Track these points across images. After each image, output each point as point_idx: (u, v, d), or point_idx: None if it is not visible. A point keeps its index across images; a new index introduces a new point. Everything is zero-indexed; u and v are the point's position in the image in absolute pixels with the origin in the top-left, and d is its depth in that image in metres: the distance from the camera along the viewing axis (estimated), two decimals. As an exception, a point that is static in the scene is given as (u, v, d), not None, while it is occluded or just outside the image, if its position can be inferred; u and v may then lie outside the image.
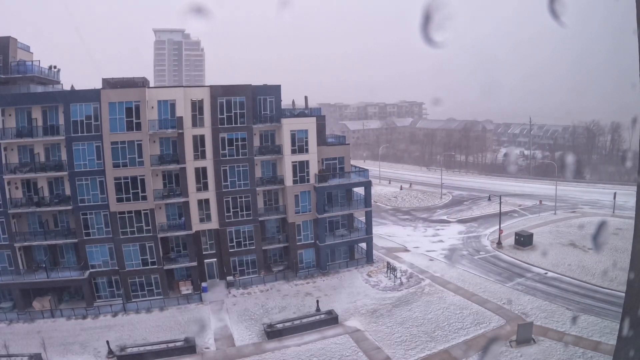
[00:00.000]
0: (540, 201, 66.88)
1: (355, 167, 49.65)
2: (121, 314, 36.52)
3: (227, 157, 40.84)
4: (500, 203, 51.54)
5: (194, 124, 39.54)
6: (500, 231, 50.80)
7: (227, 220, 41.70)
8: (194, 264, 40.37)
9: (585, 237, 48.44)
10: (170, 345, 30.61)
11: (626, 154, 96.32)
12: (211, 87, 40.82)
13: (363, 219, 47.64)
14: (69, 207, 36.88)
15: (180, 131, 38.43)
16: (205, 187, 40.79)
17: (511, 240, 50.07)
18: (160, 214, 39.36)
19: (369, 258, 46.32)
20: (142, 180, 37.46)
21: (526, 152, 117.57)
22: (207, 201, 41.08)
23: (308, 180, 43.23)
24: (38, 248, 38.08)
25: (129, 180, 37.22)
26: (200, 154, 40.13)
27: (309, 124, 43.13)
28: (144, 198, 37.67)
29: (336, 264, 45.19)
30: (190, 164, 39.54)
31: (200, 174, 40.45)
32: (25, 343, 31.74)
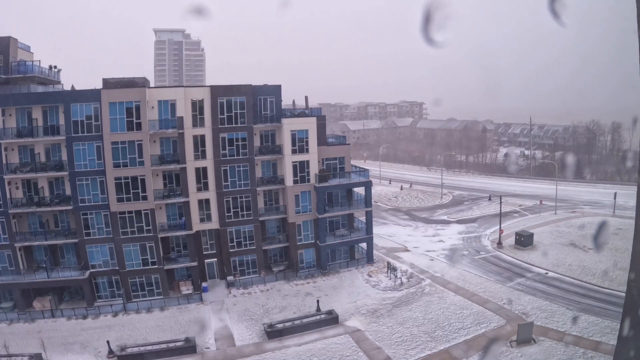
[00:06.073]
0: (541, 201, 66.87)
1: (356, 167, 49.65)
2: (121, 314, 36.53)
3: (228, 157, 40.84)
4: (500, 203, 51.54)
5: (195, 124, 39.54)
6: (501, 231, 50.78)
7: (227, 220, 41.70)
8: (194, 264, 40.39)
9: (585, 237, 48.41)
10: (171, 345, 30.63)
11: (626, 154, 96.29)
12: (211, 87, 40.81)
13: (363, 219, 47.63)
14: (70, 207, 36.89)
15: (180, 131, 38.44)
16: (206, 187, 40.79)
17: (511, 240, 50.04)
18: (160, 214, 39.37)
19: (369, 258, 46.31)
20: (143, 180, 37.46)
21: (526, 152, 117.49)
22: (207, 201, 41.07)
23: (308, 180, 43.23)
24: (38, 248, 38.08)
25: (130, 180, 37.22)
26: (200, 154, 40.13)
27: (310, 124, 43.12)
28: (145, 198, 37.68)
29: (336, 264, 45.18)
30: (191, 164, 39.54)
31: (201, 174, 40.45)
32: (26, 343, 31.74)
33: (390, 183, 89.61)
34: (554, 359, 27.94)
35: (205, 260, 42.09)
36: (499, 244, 49.96)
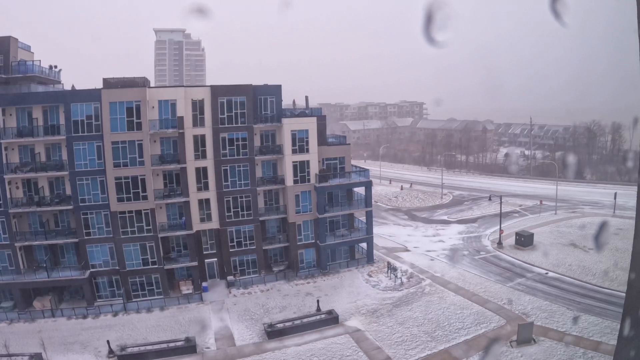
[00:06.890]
0: (541, 201, 66.80)
1: (356, 167, 49.66)
2: (122, 314, 36.55)
3: (228, 157, 40.85)
4: (500, 203, 51.53)
5: (195, 124, 39.55)
6: (501, 231, 50.76)
7: (227, 220, 41.71)
8: (195, 263, 40.38)
9: (585, 237, 48.40)
10: (171, 344, 30.64)
11: (627, 154, 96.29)
12: (212, 86, 40.82)
13: (363, 218, 47.64)
14: (70, 207, 36.90)
15: (180, 131, 38.45)
16: (206, 187, 40.80)
17: (512, 240, 50.04)
18: (160, 213, 39.38)
19: (369, 258, 46.31)
20: (143, 180, 37.47)
21: (527, 152, 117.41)
22: (207, 201, 41.08)
23: (309, 180, 43.22)
24: (39, 248, 38.08)
25: (130, 180, 37.23)
26: (200, 153, 40.14)
27: (310, 124, 43.12)
28: (145, 198, 37.69)
29: (337, 264, 45.18)
30: (191, 164, 39.55)
31: (201, 173, 40.46)
32: (26, 342, 31.77)
33: (390, 183, 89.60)
34: (554, 359, 27.96)
35: (206, 260, 42.10)
36: (499, 244, 49.96)
